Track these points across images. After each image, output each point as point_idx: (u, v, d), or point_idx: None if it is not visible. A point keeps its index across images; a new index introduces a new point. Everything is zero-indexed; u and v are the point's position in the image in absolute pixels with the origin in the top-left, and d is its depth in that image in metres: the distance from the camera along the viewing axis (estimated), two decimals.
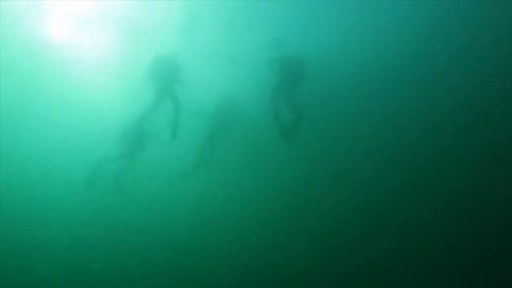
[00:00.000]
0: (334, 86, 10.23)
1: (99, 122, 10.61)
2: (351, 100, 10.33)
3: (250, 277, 9.96)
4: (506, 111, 9.88)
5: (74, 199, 10.79)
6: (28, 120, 11.00)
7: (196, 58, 10.08)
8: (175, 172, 10.55)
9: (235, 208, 10.75)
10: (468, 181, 9.73)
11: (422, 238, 9.59)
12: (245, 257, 10.11)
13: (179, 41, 10.19)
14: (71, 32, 10.47)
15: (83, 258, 10.39)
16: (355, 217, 10.10)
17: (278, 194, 10.64)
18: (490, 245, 9.13)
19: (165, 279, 10.20)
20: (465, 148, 9.90)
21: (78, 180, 10.22)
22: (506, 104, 9.89)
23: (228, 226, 10.40)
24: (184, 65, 9.82)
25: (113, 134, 9.89)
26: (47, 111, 10.84)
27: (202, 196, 10.71)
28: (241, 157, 10.87)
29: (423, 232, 9.64)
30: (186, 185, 10.63)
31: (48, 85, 10.76)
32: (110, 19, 10.48)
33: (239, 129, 10.52)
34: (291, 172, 10.63)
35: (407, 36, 10.21)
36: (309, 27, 10.13)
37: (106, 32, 10.52)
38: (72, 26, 10.59)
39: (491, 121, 9.86)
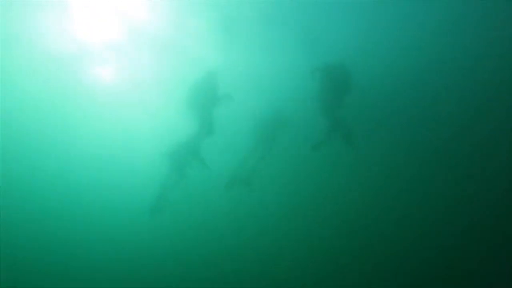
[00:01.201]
0: (380, 93, 9.91)
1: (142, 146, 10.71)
2: (399, 107, 9.99)
3: None
4: None
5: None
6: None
7: (237, 74, 9.95)
8: (225, 183, 10.44)
9: (282, 218, 10.63)
10: None
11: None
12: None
13: (218, 56, 10.06)
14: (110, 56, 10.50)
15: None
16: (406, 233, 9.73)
17: (326, 204, 10.45)
18: None
19: None
20: None
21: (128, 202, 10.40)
22: None
23: (281, 236, 10.39)
24: (225, 81, 9.73)
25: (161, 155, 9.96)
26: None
27: (254, 207, 10.61)
28: (287, 167, 10.67)
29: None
30: (237, 196, 10.51)
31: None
32: (145, 41, 10.42)
33: (286, 139, 10.30)
34: (339, 181, 10.41)
35: (455, 40, 9.76)
36: (354, 34, 9.79)
37: (145, 54, 10.48)
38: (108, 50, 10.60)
39: None
